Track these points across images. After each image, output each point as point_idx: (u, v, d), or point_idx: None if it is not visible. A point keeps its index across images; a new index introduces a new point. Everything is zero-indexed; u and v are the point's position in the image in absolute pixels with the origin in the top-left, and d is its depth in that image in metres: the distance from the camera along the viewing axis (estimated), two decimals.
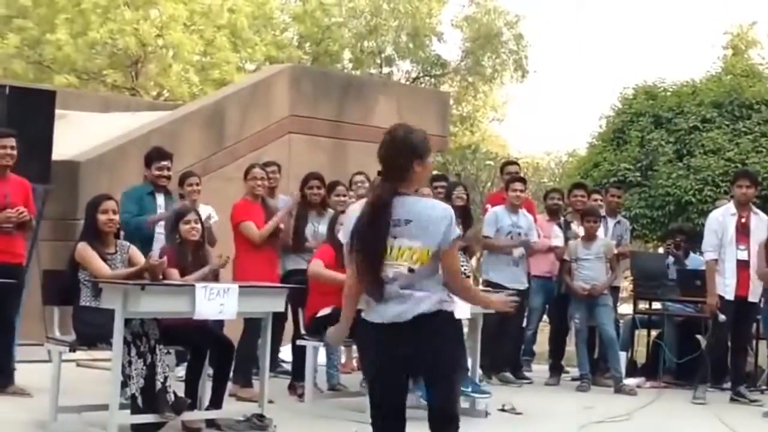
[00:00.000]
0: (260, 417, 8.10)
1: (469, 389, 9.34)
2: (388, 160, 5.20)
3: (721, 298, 11.15)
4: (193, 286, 7.60)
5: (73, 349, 7.90)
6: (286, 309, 9.59)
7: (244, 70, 34.29)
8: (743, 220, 11.26)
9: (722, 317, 11.10)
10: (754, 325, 11.81)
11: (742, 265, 11.14)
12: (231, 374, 8.91)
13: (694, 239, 13.67)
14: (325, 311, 9.31)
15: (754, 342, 12.18)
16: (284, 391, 10.25)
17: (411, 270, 5.06)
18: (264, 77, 16.34)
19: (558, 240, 12.50)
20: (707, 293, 11.30)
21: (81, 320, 7.87)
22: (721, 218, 11.39)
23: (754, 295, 11.12)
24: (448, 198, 11.61)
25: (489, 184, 34.67)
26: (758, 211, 11.53)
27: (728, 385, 11.69)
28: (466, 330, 10.08)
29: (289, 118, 15.59)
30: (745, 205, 11.35)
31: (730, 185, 12.15)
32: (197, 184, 10.72)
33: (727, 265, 11.17)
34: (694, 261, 13.05)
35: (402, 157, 5.17)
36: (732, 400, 11.26)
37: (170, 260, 8.03)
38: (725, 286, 11.15)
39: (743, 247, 11.15)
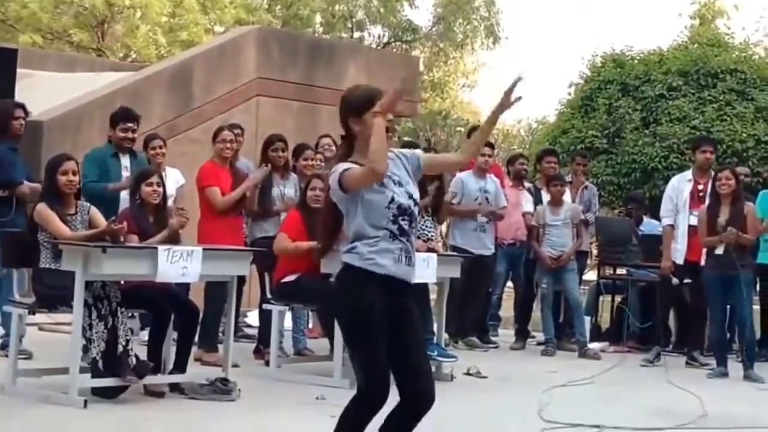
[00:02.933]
0: (224, 381, 8.03)
1: (435, 353, 9.33)
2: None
3: (674, 262, 11.35)
4: (156, 248, 7.53)
5: (32, 312, 7.82)
6: (254, 273, 9.61)
7: (213, 32, 34.02)
8: (700, 186, 11.39)
9: (675, 280, 11.34)
10: None
11: (694, 231, 11.23)
12: (196, 339, 8.88)
13: (646, 206, 13.87)
14: (291, 277, 9.30)
15: None
16: (250, 355, 10.23)
17: None
18: (231, 38, 16.19)
19: (528, 206, 12.53)
20: (662, 257, 11.51)
21: (41, 282, 7.79)
22: (677, 184, 11.65)
23: None
24: None
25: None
26: None
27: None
28: (433, 296, 10.12)
29: (257, 81, 15.47)
30: (706, 170, 11.51)
31: (691, 151, 12.24)
32: (161, 147, 10.64)
33: (680, 230, 11.41)
34: (648, 226, 13.24)
35: (342, 117, 5.12)
36: (687, 364, 11.41)
37: (130, 223, 7.93)
38: (676, 251, 11.37)
39: (697, 213, 11.23)
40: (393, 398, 4.92)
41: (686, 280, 11.40)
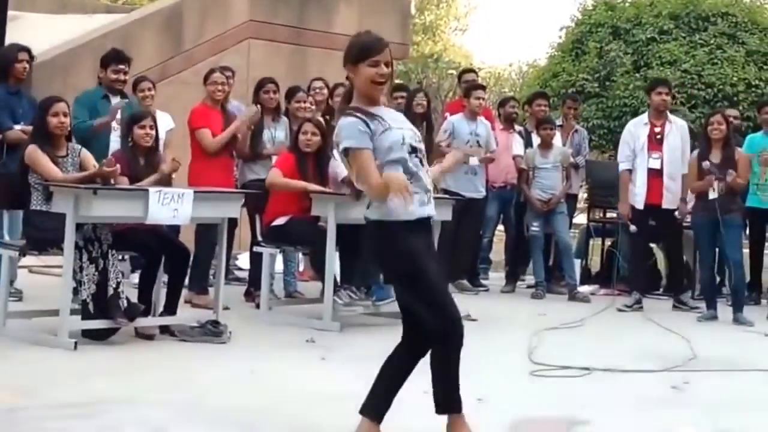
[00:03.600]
0: (215, 323, 8.06)
1: None
2: None
3: (634, 208, 11.34)
4: (147, 190, 7.52)
5: (23, 254, 7.83)
6: (244, 216, 9.64)
7: None
8: (657, 128, 11.37)
9: (633, 228, 11.35)
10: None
11: (654, 174, 11.27)
12: (187, 281, 8.90)
13: None
14: (282, 220, 9.31)
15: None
16: (241, 298, 10.27)
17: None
18: None
19: (519, 149, 12.52)
20: (619, 201, 11.56)
21: (31, 224, 7.78)
22: (633, 128, 11.59)
23: (669, 203, 11.22)
24: (408, 106, 11.53)
25: (451, 93, 34.59)
26: (675, 118, 11.70)
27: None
28: None
29: (248, 23, 15.39)
30: (663, 112, 11.49)
31: (647, 93, 12.14)
32: (150, 89, 10.64)
33: (638, 173, 11.36)
34: None
35: (343, 60, 5.12)
36: (674, 307, 11.48)
37: (122, 166, 7.93)
38: (636, 195, 11.34)
39: (656, 156, 11.28)
40: None
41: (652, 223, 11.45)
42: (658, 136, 11.33)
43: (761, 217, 12.05)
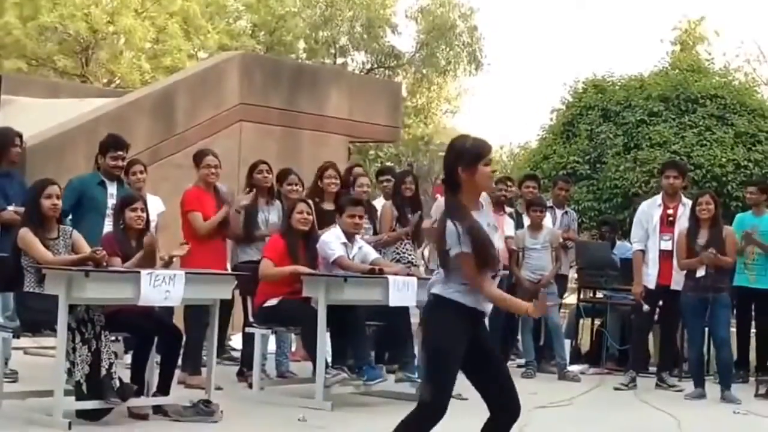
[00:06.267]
0: (207, 403, 8.09)
1: (416, 375, 9.40)
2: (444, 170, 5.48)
3: (645, 287, 11.40)
4: (139, 272, 7.59)
5: (17, 336, 7.87)
6: (235, 297, 9.71)
7: (197, 57, 34.05)
8: (669, 210, 11.47)
9: (646, 307, 11.42)
10: None
11: (666, 255, 11.35)
12: (179, 361, 8.94)
13: (620, 230, 14.60)
14: (273, 302, 9.37)
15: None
16: (233, 378, 10.29)
17: None
18: (214, 64, 16.24)
19: (509, 230, 12.61)
20: (633, 282, 11.57)
21: (25, 306, 7.83)
22: (647, 209, 11.69)
23: (677, 284, 11.23)
24: (396, 189, 11.63)
25: (441, 175, 34.79)
26: (688, 201, 11.65)
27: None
28: (414, 319, 10.18)
29: (240, 106, 15.52)
30: (673, 195, 11.58)
31: (658, 175, 12.27)
32: (141, 172, 10.71)
33: (650, 255, 11.45)
34: (620, 249, 13.39)
35: (450, 164, 5.41)
36: (657, 386, 11.49)
37: (113, 247, 8.02)
38: (648, 275, 11.42)
39: (667, 237, 11.37)
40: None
41: (660, 303, 11.52)
42: (671, 218, 11.43)
43: (748, 296, 12.15)
